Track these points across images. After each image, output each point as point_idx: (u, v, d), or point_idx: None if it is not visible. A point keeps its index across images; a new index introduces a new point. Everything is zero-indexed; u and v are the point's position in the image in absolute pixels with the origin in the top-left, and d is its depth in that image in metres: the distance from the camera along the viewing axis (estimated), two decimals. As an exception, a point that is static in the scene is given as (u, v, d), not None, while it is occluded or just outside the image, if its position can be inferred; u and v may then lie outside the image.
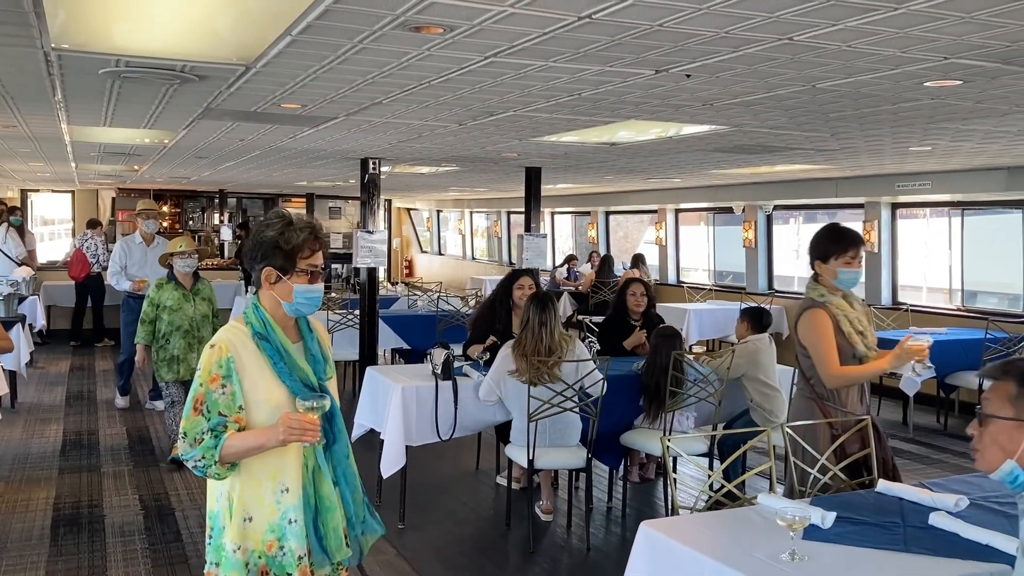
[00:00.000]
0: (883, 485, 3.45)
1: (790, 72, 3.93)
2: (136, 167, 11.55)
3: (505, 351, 5.36)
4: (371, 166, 8.53)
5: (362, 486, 2.81)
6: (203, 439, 2.50)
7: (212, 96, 5.11)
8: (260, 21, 3.52)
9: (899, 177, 9.72)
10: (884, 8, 2.85)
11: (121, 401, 8.77)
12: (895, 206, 10.67)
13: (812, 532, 2.88)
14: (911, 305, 10.09)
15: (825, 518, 2.97)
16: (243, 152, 8.86)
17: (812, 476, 3.69)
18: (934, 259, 11.02)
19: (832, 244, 3.95)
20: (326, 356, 2.74)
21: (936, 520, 3.00)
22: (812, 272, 4.03)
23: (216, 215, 18.74)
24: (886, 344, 4.16)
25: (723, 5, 2.86)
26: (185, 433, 2.53)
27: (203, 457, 2.50)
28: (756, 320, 6.09)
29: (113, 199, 17.41)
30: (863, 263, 4.02)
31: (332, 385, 2.74)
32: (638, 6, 2.90)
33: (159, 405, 8.04)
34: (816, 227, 4.15)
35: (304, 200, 17.86)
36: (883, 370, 3.89)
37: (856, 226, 11.05)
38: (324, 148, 8.06)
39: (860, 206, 10.91)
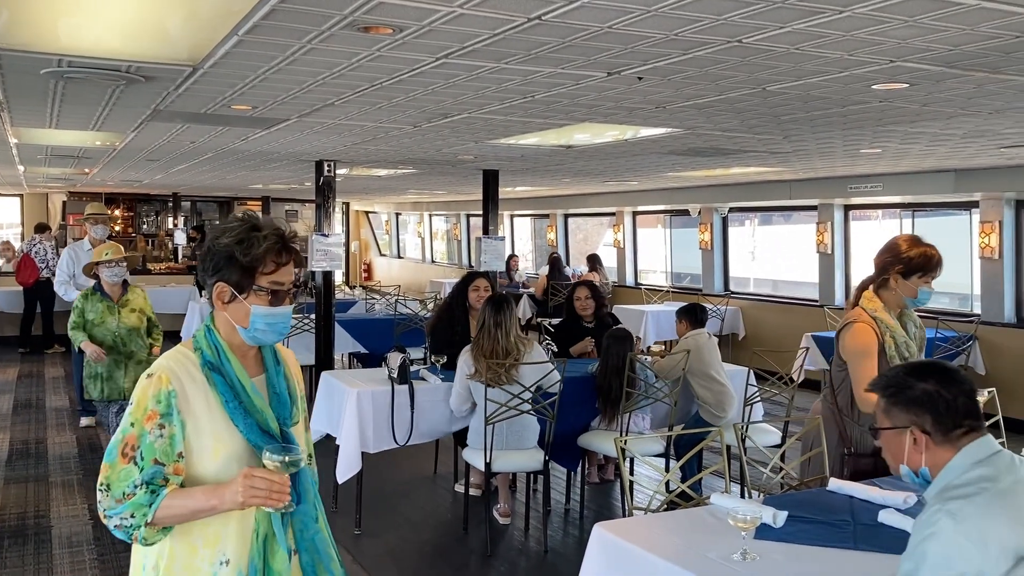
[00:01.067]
0: (834, 483, 3.48)
1: (740, 75, 3.96)
2: (86, 170, 11.33)
3: (464, 356, 5.33)
4: (326, 168, 8.46)
5: (338, 556, 2.28)
6: (134, 494, 1.99)
7: (160, 97, 5.02)
8: (207, 21, 3.46)
9: (851, 179, 9.87)
10: (830, 11, 2.88)
11: (85, 419, 8.19)
12: (848, 208, 10.84)
13: (764, 531, 2.89)
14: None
15: (777, 517, 2.98)
16: (195, 154, 8.74)
17: (765, 475, 3.71)
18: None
19: (923, 261, 3.71)
20: (294, 395, 2.25)
21: (885, 517, 3.03)
22: (876, 280, 3.81)
23: (170, 219, 18.48)
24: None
25: (672, 7, 2.87)
26: (108, 485, 2.01)
27: (131, 516, 1.99)
28: (692, 316, 6.13)
29: (64, 203, 17.08)
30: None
31: (299, 430, 2.25)
32: (587, 8, 2.89)
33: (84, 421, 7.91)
34: (771, 229, 4.12)
35: (260, 203, 17.69)
36: None
37: (808, 228, 11.23)
38: (277, 150, 7.97)
39: (813, 208, 11.07)
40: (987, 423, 3.55)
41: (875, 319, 3.73)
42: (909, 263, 3.73)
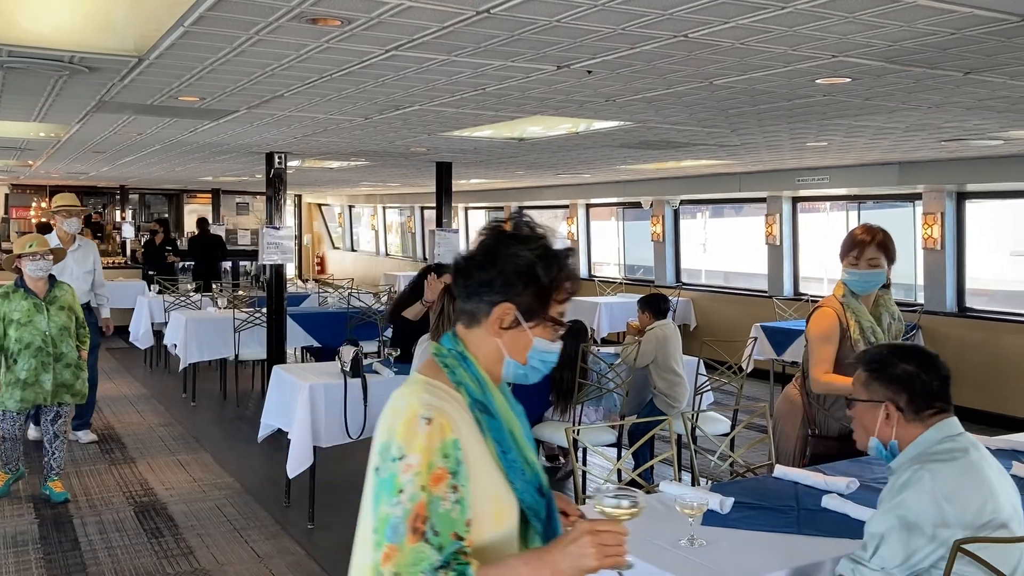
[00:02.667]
0: (780, 470, 3.55)
1: (687, 69, 4.01)
2: (30, 162, 11.08)
3: (422, 345, 5.32)
4: (276, 160, 8.38)
5: None
6: None
7: (105, 88, 4.94)
8: (152, 11, 3.42)
9: (799, 172, 10.04)
10: (772, 7, 2.94)
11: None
12: (796, 200, 11.03)
13: (711, 518, 2.95)
14: (812, 296, 10.44)
15: (723, 504, 3.04)
16: (143, 146, 8.59)
17: (712, 462, 3.78)
18: (834, 251, 11.43)
19: (844, 243, 3.80)
20: (530, 438, 1.82)
21: (828, 502, 3.11)
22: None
23: (118, 212, 18.14)
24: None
25: (618, 2, 2.90)
26: (397, 575, 1.56)
27: None
28: (656, 307, 6.19)
29: (7, 195, 16.68)
30: (878, 265, 3.78)
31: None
32: (535, 2, 2.92)
33: (82, 436, 7.19)
34: (722, 221, 4.18)
35: (210, 196, 17.44)
36: None
37: (758, 220, 11.40)
38: (227, 142, 7.88)
39: (763, 200, 11.23)
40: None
41: (843, 304, 3.79)
42: (841, 247, 3.85)
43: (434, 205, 9.99)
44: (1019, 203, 9.38)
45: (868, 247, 3.77)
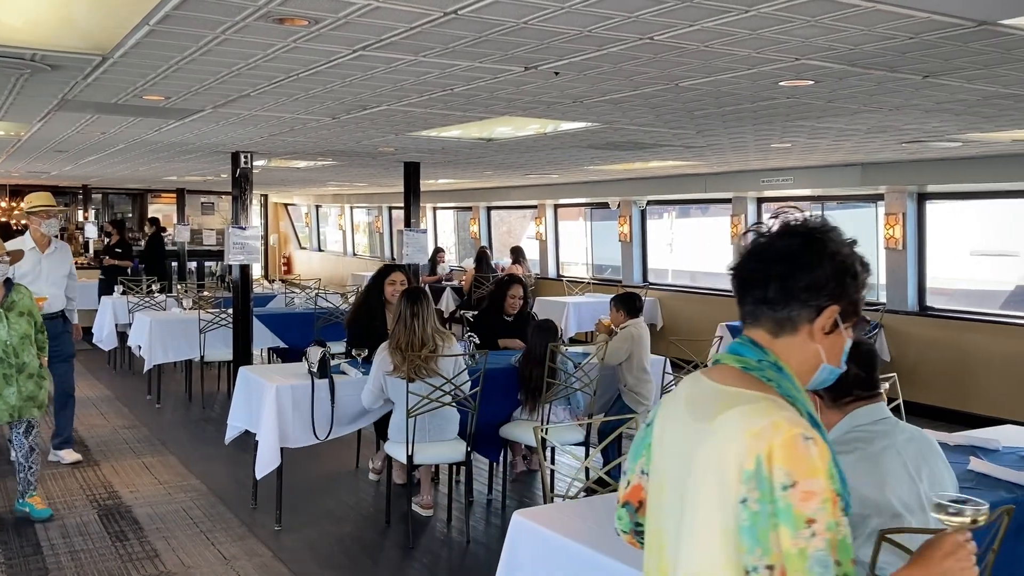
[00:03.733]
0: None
1: (653, 71, 4.05)
2: (-11, 161, 10.90)
3: (381, 353, 5.31)
4: (242, 160, 8.32)
5: None
6: None
7: (68, 87, 4.88)
8: (116, 9, 3.38)
9: (763, 173, 10.16)
10: (736, 10, 2.98)
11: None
12: (760, 200, 11.15)
13: (676, 514, 2.99)
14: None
15: (688, 500, 3.08)
16: (106, 146, 8.49)
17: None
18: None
19: None
20: None
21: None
22: None
23: (80, 212, 17.89)
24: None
25: (584, 4, 2.93)
26: None
27: None
28: (630, 306, 6.24)
29: (-35, 195, 16.39)
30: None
31: None
32: (501, 3, 2.93)
33: (65, 456, 6.65)
34: (688, 221, 4.22)
35: (175, 196, 17.24)
36: None
37: (724, 220, 11.51)
38: (192, 141, 7.81)
39: (728, 201, 11.35)
40: (889, 406, 3.75)
41: None
42: None
43: (402, 205, 9.97)
44: (978, 204, 9.57)
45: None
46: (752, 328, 1.67)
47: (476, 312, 7.97)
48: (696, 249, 14.42)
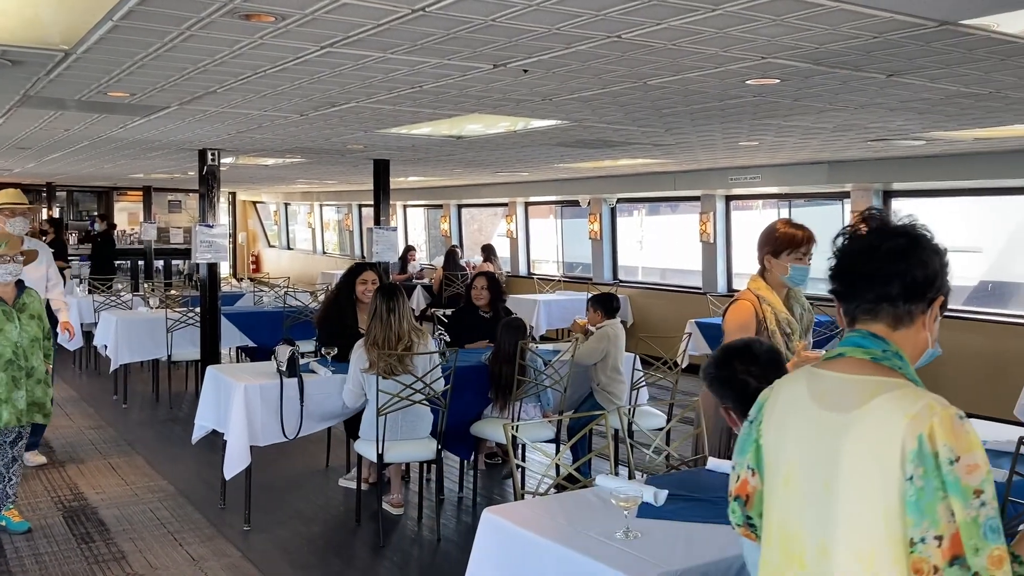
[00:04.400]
0: (713, 463, 3.63)
1: (622, 69, 4.07)
2: (-51, 158, 10.70)
3: (358, 351, 5.29)
4: (210, 157, 8.24)
5: None
6: None
7: (30, 82, 4.81)
8: (80, 4, 3.34)
9: (731, 171, 10.24)
10: (703, 8, 3.00)
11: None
12: (729, 198, 11.24)
13: (646, 510, 3.01)
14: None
15: (658, 496, 3.10)
16: (70, 143, 8.37)
17: (648, 455, 3.84)
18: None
19: (786, 239, 3.89)
20: None
21: (758, 492, 3.19)
22: (760, 265, 3.95)
23: (44, 210, 17.62)
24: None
25: (552, 3, 2.93)
26: None
27: None
28: (608, 306, 6.27)
29: (-76, 193, 16.06)
30: (811, 260, 3.86)
31: None
32: (470, 1, 2.93)
33: (31, 458, 6.46)
34: (658, 219, 4.22)
35: (141, 193, 17.04)
36: None
37: (693, 218, 11.58)
38: (158, 139, 7.72)
39: (697, 199, 11.43)
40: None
41: (758, 297, 3.89)
42: (776, 243, 3.92)
43: (372, 203, 9.93)
44: (942, 201, 9.71)
45: (812, 244, 3.90)
46: (869, 322, 1.77)
47: (449, 310, 7.97)
48: (666, 247, 14.50)
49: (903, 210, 9.59)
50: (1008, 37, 3.37)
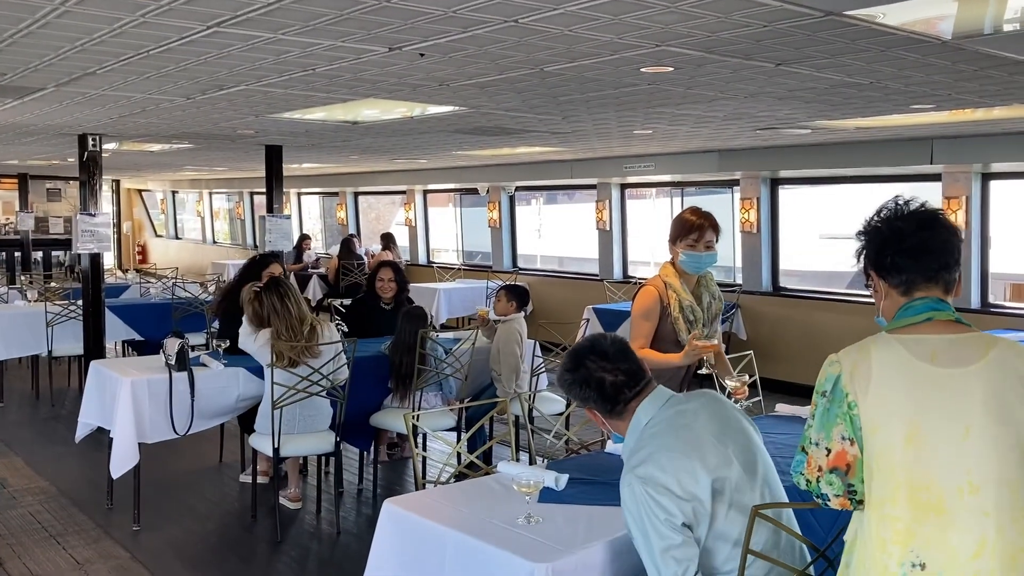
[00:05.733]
0: (611, 446, 3.67)
1: (519, 55, 4.05)
2: None
3: (260, 341, 5.13)
4: (91, 143, 7.86)
5: None
6: None
7: None
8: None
9: (626, 159, 10.39)
10: (599, -6, 3.01)
11: None
12: (624, 186, 11.41)
13: (547, 495, 3.01)
14: (639, 278, 10.85)
15: (559, 480, 3.12)
16: (-66, 126, 7.84)
17: (549, 440, 3.86)
18: (662, 236, 11.96)
19: (679, 226, 3.93)
20: None
21: (656, 474, 3.24)
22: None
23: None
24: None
25: (448, -17, 2.88)
26: None
27: None
28: (523, 299, 6.28)
29: None
30: (713, 247, 3.92)
31: None
32: (364, -20, 2.85)
33: None
34: (556, 208, 4.21)
35: (16, 181, 16.16)
36: (676, 364, 3.79)
37: (589, 206, 11.72)
38: (34, 123, 7.31)
39: (593, 187, 11.56)
40: (748, 382, 3.89)
41: (665, 284, 3.94)
42: (673, 229, 3.99)
43: (264, 190, 9.68)
44: (826, 188, 10.10)
45: (707, 230, 3.93)
46: (931, 288, 2.03)
47: (347, 300, 7.82)
48: (563, 235, 14.64)
49: (792, 197, 9.95)
50: (889, 29, 3.49)
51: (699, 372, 3.87)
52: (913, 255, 2.03)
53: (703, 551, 2.40)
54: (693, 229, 3.92)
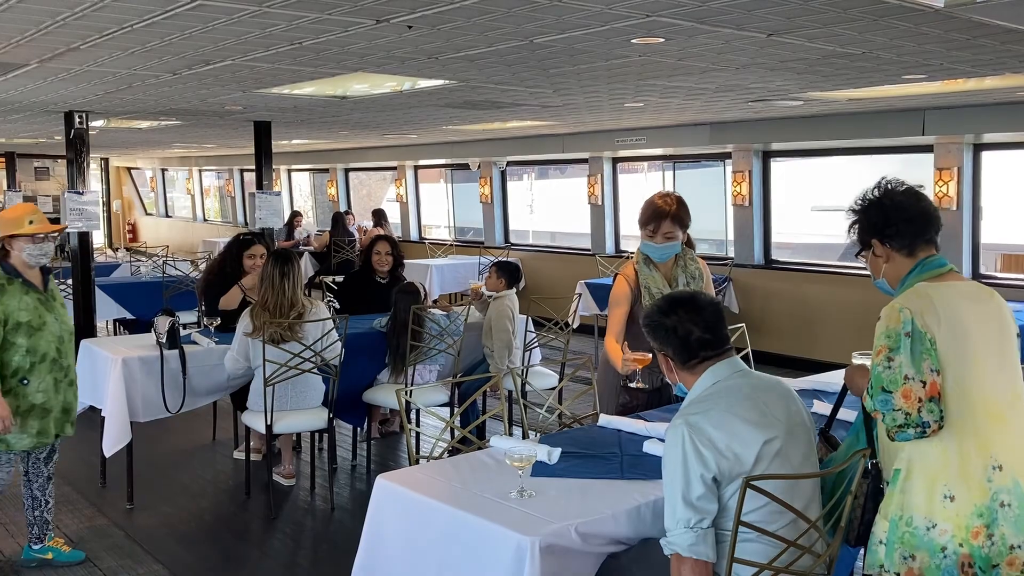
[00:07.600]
0: (604, 419, 3.67)
1: (508, 27, 4.01)
2: None
3: (244, 319, 5.12)
4: (77, 120, 7.78)
5: None
6: None
7: None
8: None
9: (618, 133, 10.34)
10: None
11: None
12: (616, 160, 11.36)
13: (540, 468, 3.01)
14: (631, 253, 10.81)
15: (551, 454, 3.12)
16: (-82, 104, 7.75)
17: (540, 415, 3.86)
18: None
19: (642, 212, 3.92)
20: None
21: (649, 447, 3.24)
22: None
23: None
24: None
25: (435, -47, 2.84)
26: None
27: None
28: (515, 276, 6.26)
29: None
30: (673, 238, 3.90)
31: None
32: (350, -50, 2.81)
33: None
34: (548, 183, 4.17)
35: (3, 160, 16.03)
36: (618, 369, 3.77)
37: (581, 181, 11.67)
38: (19, 100, 7.23)
39: (585, 161, 11.51)
40: (738, 355, 3.88)
41: (636, 271, 3.97)
42: (639, 215, 4.00)
43: (253, 167, 9.61)
44: (818, 161, 10.07)
45: (664, 222, 3.92)
46: (928, 249, 2.50)
47: (339, 277, 7.78)
48: (555, 210, 14.59)
49: (784, 170, 9.93)
50: (880, -3, 3.46)
51: (630, 384, 3.88)
52: (916, 222, 2.47)
53: (721, 509, 2.43)
54: (651, 220, 3.93)
